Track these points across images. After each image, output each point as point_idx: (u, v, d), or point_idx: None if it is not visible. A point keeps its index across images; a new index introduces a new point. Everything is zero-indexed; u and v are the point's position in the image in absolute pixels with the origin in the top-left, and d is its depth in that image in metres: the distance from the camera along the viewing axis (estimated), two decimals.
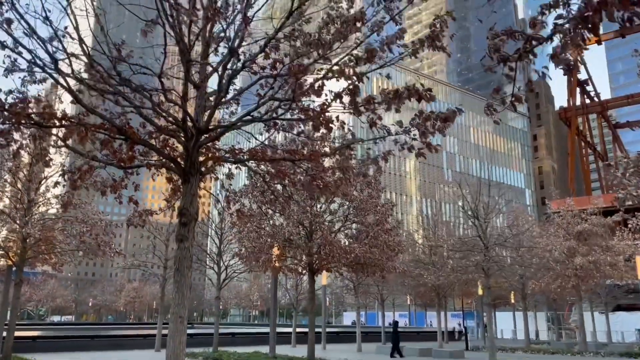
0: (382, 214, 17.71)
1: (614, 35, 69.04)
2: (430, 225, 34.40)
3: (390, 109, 6.44)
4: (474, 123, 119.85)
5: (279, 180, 9.67)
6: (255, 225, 17.34)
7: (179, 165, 7.96)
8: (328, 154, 8.67)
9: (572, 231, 27.86)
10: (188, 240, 7.86)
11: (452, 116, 7.07)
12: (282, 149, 8.52)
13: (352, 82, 6.11)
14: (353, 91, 6.06)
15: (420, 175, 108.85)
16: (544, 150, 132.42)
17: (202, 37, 8.29)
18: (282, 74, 7.30)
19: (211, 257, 23.93)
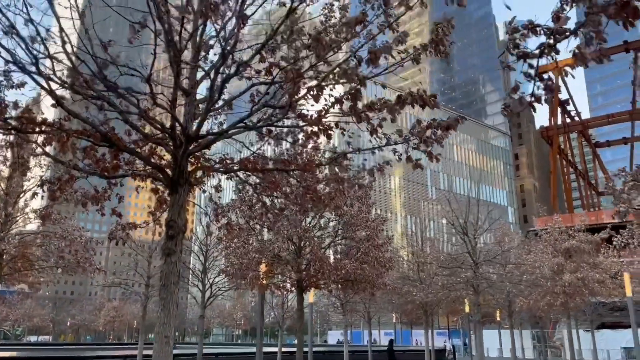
0: (373, 229, 17.34)
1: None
2: (417, 242, 34.14)
3: (393, 114, 6.14)
4: (457, 141, 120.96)
5: (270, 192, 9.29)
6: (242, 240, 16.83)
7: (167, 174, 7.53)
8: (323, 164, 8.33)
9: (560, 248, 27.80)
10: (175, 254, 7.40)
11: (454, 124, 6.79)
12: (274, 159, 8.14)
13: (354, 85, 5.78)
14: (354, 95, 5.72)
15: (405, 192, 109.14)
16: (525, 168, 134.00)
17: (192, 41, 7.96)
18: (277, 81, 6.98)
19: (195, 274, 23.27)
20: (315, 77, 5.95)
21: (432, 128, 6.89)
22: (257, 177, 8.75)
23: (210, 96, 7.10)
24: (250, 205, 14.93)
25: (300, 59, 6.18)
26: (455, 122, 6.72)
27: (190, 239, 33.18)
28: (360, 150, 8.13)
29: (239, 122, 7.44)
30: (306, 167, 8.12)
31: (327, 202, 10.77)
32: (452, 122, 6.76)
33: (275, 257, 16.68)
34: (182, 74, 8.09)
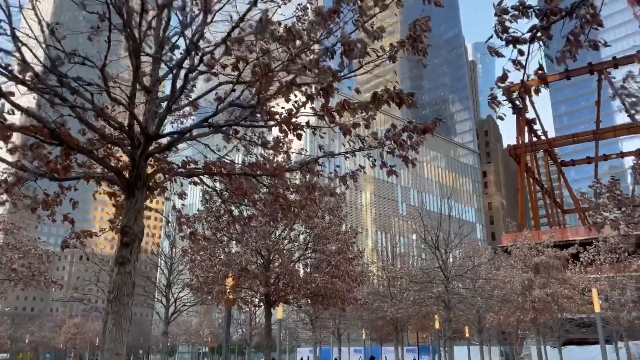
0: (344, 242, 16.91)
1: (559, 77, 72.42)
2: (388, 257, 33.88)
3: (367, 113, 5.75)
4: (427, 158, 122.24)
5: (237, 199, 8.78)
6: (208, 253, 16.15)
7: (123, 177, 6.96)
8: (294, 168, 7.88)
9: (530, 263, 27.91)
10: (130, 263, 6.79)
11: (432, 127, 6.46)
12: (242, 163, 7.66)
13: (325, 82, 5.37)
14: (327, 92, 5.31)
15: (376, 208, 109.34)
16: (493, 186, 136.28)
17: (155, 35, 7.45)
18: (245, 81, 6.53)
19: (159, 289, 22.32)
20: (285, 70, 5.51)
21: (408, 131, 6.55)
22: (223, 183, 8.24)
23: (172, 92, 6.59)
24: (218, 216, 14.34)
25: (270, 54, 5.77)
26: (432, 125, 6.39)
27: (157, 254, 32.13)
28: (333, 154, 7.73)
29: (203, 121, 6.94)
30: (275, 173, 7.65)
31: (298, 211, 10.30)
32: (429, 125, 6.43)
33: (242, 270, 16.05)
34: (142, 69, 7.59)
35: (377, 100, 5.49)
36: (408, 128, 6.45)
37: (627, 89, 9.30)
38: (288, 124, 5.83)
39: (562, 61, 3.88)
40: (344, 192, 8.85)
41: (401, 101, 5.41)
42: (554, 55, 3.80)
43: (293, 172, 7.93)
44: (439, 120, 6.32)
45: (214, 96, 7.27)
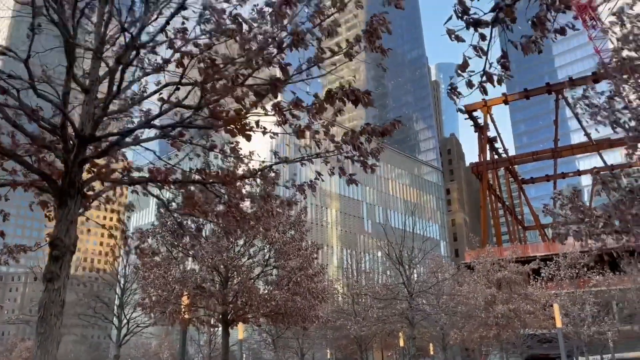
0: (306, 257, 16.36)
1: (519, 96, 74.39)
2: (352, 274, 33.44)
3: (322, 112, 5.33)
4: (392, 176, 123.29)
5: (187, 210, 8.18)
6: (162, 270, 15.31)
7: (54, 183, 6.28)
8: (247, 176, 7.36)
9: (492, 279, 27.95)
10: (60, 279, 6.09)
11: (391, 129, 6.08)
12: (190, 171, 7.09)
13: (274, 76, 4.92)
14: (275, 87, 4.85)
15: (341, 225, 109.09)
16: (456, 204, 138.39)
17: (97, 31, 6.87)
18: (190, 83, 6.01)
19: (110, 309, 21.16)
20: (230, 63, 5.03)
21: (366, 133, 6.15)
22: (171, 191, 7.64)
23: (109, 90, 6.01)
24: (173, 230, 13.62)
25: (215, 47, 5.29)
26: (391, 127, 6.01)
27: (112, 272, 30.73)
28: (287, 160, 7.26)
29: (145, 123, 6.37)
30: (225, 180, 7.12)
31: (254, 224, 9.75)
32: (387, 127, 6.05)
33: (198, 288, 15.26)
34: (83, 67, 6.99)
35: (332, 97, 5.07)
36: (366, 130, 6.06)
37: (588, 97, 9.20)
38: (236, 124, 5.32)
39: (527, 50, 3.54)
40: (306, 205, 8.36)
41: (357, 99, 5.00)
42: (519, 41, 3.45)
43: (246, 179, 7.39)
44: (398, 122, 5.96)
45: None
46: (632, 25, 8.64)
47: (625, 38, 8.56)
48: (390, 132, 6.05)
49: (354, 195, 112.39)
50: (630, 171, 9.12)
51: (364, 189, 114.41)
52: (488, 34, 3.32)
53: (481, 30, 3.34)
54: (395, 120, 5.96)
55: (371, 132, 6.16)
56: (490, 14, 3.25)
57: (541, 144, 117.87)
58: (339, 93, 4.99)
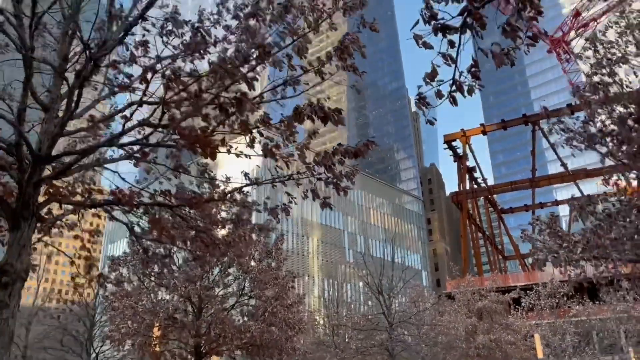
0: (283, 286, 15.89)
1: (497, 127, 75.65)
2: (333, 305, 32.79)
3: (291, 130, 5.11)
4: (374, 205, 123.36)
5: (154, 234, 7.80)
6: (133, 300, 14.70)
7: (6, 205, 5.89)
8: (215, 199, 7.05)
9: (473, 308, 27.64)
10: (9, 308, 5.63)
11: (364, 150, 5.88)
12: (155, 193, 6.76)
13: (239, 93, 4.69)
14: (240, 102, 4.61)
15: (322, 255, 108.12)
16: (437, 233, 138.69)
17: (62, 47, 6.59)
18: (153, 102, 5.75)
19: (79, 342, 20.24)
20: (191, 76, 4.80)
21: (339, 154, 5.94)
22: (135, 214, 7.28)
23: (67, 105, 5.70)
24: (144, 258, 13.11)
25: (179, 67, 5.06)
26: (364, 147, 5.81)
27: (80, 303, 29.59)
28: (258, 182, 6.98)
29: (107, 141, 6.07)
30: (193, 203, 6.80)
31: (225, 250, 9.38)
32: (361, 147, 5.85)
33: (170, 319, 14.66)
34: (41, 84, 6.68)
35: (300, 114, 4.84)
36: (339, 151, 5.85)
37: (564, 122, 9.18)
38: (201, 143, 5.05)
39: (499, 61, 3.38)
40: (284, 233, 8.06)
41: (325, 116, 4.79)
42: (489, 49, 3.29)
43: (215, 202, 7.08)
44: (372, 142, 5.76)
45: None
46: (605, 50, 8.70)
47: (598, 63, 8.60)
48: (364, 153, 5.84)
49: (335, 224, 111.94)
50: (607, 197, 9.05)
51: (345, 218, 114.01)
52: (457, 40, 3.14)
53: (450, 36, 3.17)
54: (369, 141, 5.76)
55: (344, 153, 5.95)
56: (459, 19, 3.09)
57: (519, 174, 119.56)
58: (307, 109, 4.77)
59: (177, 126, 5.00)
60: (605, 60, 8.13)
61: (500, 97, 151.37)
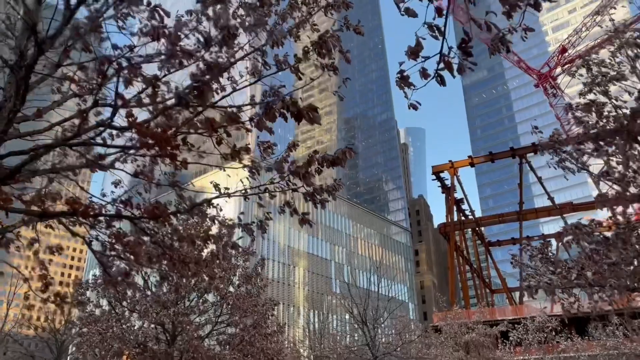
0: (262, 314, 15.11)
1: (485, 159, 75.97)
2: (317, 336, 31.80)
3: (262, 128, 4.60)
4: (362, 235, 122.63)
5: (114, 250, 7.17)
6: (101, 325, 13.84)
7: None
8: (180, 211, 6.47)
9: (461, 342, 26.85)
10: None
11: (342, 157, 5.38)
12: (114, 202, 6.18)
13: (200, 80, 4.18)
14: (202, 92, 4.10)
15: (309, 285, 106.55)
16: (425, 265, 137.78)
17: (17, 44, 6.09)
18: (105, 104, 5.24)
19: None
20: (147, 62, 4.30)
21: (314, 163, 5.42)
22: (93, 227, 6.66)
23: (14, 102, 5.15)
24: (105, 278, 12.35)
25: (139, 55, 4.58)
26: (342, 155, 5.30)
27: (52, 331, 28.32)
28: (230, 194, 6.42)
29: (62, 142, 5.50)
30: (155, 214, 6.21)
31: (195, 270, 8.72)
32: (339, 155, 5.34)
33: (140, 346, 13.79)
34: None
35: (271, 110, 4.34)
36: (315, 159, 5.34)
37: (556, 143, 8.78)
38: (156, 138, 4.50)
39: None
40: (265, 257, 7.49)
41: (299, 113, 4.28)
42: None
43: (180, 214, 6.48)
44: (350, 149, 5.26)
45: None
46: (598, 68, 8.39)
47: (592, 81, 8.27)
48: (342, 161, 5.34)
49: (322, 253, 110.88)
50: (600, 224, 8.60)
51: (332, 248, 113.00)
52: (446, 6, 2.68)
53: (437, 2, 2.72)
54: (347, 147, 5.26)
55: (321, 161, 5.44)
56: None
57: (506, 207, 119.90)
58: (279, 105, 4.27)
59: (135, 124, 4.46)
60: (601, 76, 7.79)
61: (488, 130, 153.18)
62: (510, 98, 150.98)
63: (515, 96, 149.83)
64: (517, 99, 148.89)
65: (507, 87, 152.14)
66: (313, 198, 5.89)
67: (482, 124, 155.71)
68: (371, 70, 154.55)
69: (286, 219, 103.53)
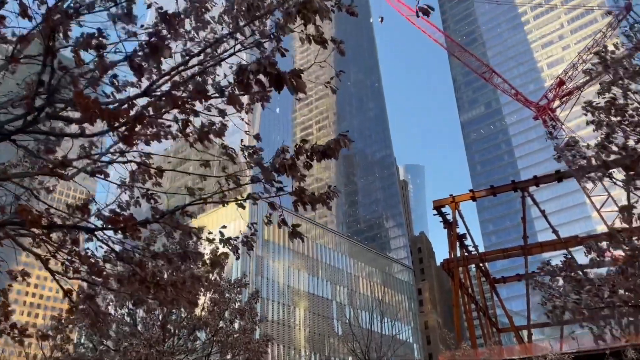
0: (255, 352, 13.89)
1: (486, 193, 75.08)
2: None
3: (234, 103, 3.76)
4: (364, 274, 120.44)
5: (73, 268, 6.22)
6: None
7: None
8: (151, 221, 5.57)
9: None
10: None
11: (335, 146, 4.53)
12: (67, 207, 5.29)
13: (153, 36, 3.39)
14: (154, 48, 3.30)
15: (310, 327, 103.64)
16: (429, 304, 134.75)
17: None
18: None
19: None
20: None
21: (303, 153, 4.58)
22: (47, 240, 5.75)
23: None
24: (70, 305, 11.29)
25: None
26: (336, 144, 4.45)
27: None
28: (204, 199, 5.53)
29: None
30: (120, 223, 5.31)
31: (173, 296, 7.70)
32: (332, 144, 4.49)
33: None
34: None
35: (243, 74, 3.51)
36: (303, 149, 4.50)
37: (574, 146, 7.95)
38: (106, 115, 3.65)
39: None
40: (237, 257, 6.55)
41: (279, 79, 3.46)
42: None
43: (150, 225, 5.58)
44: (345, 136, 4.42)
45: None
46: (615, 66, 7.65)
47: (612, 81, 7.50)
48: (335, 152, 4.48)
49: (323, 293, 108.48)
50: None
51: (333, 287, 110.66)
52: None
53: None
54: (342, 134, 4.42)
55: (310, 152, 4.59)
56: None
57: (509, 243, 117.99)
58: (253, 67, 3.45)
59: (77, 94, 3.63)
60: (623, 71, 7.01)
61: (488, 166, 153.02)
62: (509, 133, 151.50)
63: (513, 131, 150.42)
64: (515, 134, 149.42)
65: (505, 122, 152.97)
66: (301, 198, 5.01)
67: (482, 159, 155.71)
68: (369, 109, 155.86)
69: (286, 258, 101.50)
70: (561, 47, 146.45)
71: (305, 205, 4.91)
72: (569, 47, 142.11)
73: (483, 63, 65.56)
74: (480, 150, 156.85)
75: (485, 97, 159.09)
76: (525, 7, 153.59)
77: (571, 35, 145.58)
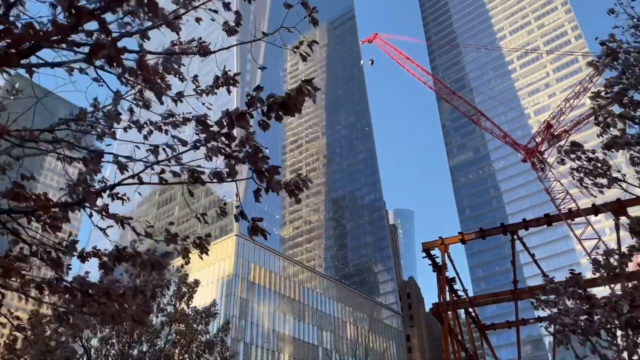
0: None
1: (475, 235, 74.14)
2: None
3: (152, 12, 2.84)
4: (351, 319, 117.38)
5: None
6: None
7: None
8: (71, 203, 4.51)
9: None
10: None
11: (298, 99, 3.60)
12: None
13: None
14: None
15: None
16: (417, 351, 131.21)
17: None
18: None
19: None
20: None
21: (254, 106, 3.62)
22: None
23: None
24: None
25: None
26: (299, 93, 3.51)
27: None
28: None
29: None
30: (39, 204, 4.27)
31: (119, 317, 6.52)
32: (291, 95, 3.56)
33: None
34: None
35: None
36: (256, 100, 3.56)
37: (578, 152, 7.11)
38: None
39: None
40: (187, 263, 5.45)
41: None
42: None
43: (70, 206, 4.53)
44: (310, 81, 3.51)
45: None
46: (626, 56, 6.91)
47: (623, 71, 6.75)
48: (298, 103, 3.53)
49: (309, 339, 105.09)
50: None
51: (319, 332, 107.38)
52: None
53: None
54: (305, 80, 3.49)
55: (269, 106, 3.63)
56: None
57: (499, 289, 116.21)
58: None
59: None
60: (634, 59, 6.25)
61: (476, 210, 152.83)
62: (497, 178, 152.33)
63: (501, 177, 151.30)
64: (503, 179, 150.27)
65: (493, 167, 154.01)
66: (260, 174, 4.03)
67: (471, 203, 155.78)
68: (359, 152, 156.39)
69: (271, 301, 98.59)
70: (547, 94, 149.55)
71: (270, 186, 3.94)
72: (555, 94, 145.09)
73: (471, 106, 66.05)
74: (469, 195, 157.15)
75: (474, 143, 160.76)
76: (512, 56, 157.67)
77: (557, 83, 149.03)
